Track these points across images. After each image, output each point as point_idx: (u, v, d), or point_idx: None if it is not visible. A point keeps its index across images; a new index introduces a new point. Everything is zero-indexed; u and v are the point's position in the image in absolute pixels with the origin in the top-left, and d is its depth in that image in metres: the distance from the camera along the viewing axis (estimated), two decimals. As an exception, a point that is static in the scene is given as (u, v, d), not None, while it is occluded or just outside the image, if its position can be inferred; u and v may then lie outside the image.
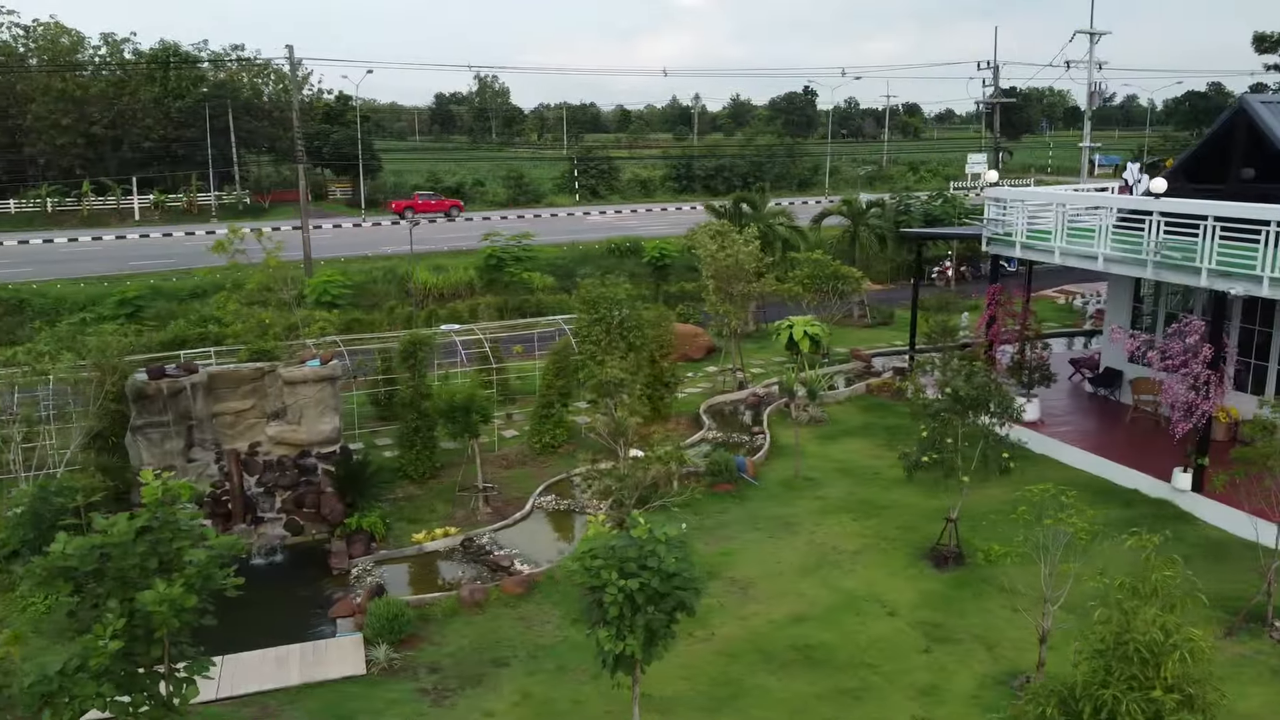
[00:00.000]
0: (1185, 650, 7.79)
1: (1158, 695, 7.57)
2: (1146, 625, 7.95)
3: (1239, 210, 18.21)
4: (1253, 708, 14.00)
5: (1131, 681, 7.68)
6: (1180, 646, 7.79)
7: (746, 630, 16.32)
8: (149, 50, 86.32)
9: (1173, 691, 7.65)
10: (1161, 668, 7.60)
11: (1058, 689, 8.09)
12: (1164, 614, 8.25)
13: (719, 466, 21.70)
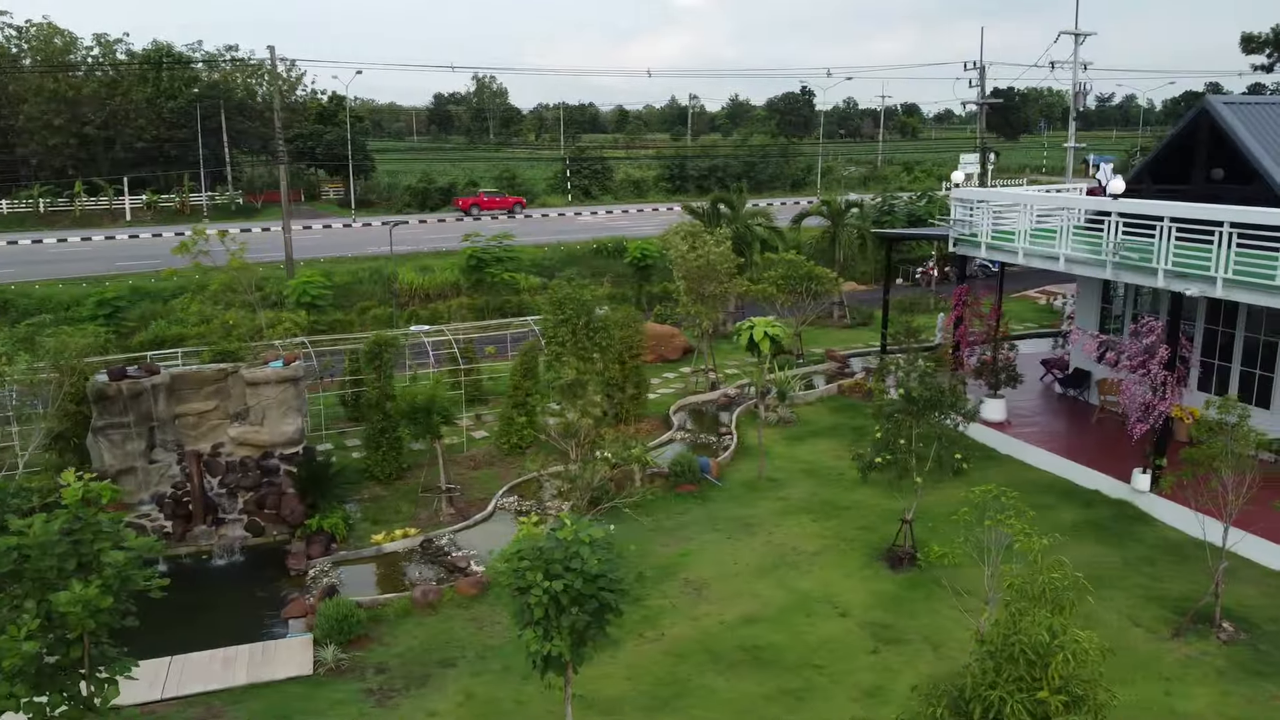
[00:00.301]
0: (1069, 652, 7.80)
1: (1043, 696, 7.58)
2: (1032, 626, 7.96)
3: (1193, 211, 18.23)
4: (1197, 708, 14.02)
5: (1019, 682, 7.70)
6: (1065, 648, 7.79)
7: (697, 630, 16.34)
8: (142, 51, 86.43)
9: (1061, 692, 7.67)
10: (1049, 669, 7.60)
11: (949, 690, 8.12)
12: (1053, 615, 8.26)
13: (681, 467, 21.72)
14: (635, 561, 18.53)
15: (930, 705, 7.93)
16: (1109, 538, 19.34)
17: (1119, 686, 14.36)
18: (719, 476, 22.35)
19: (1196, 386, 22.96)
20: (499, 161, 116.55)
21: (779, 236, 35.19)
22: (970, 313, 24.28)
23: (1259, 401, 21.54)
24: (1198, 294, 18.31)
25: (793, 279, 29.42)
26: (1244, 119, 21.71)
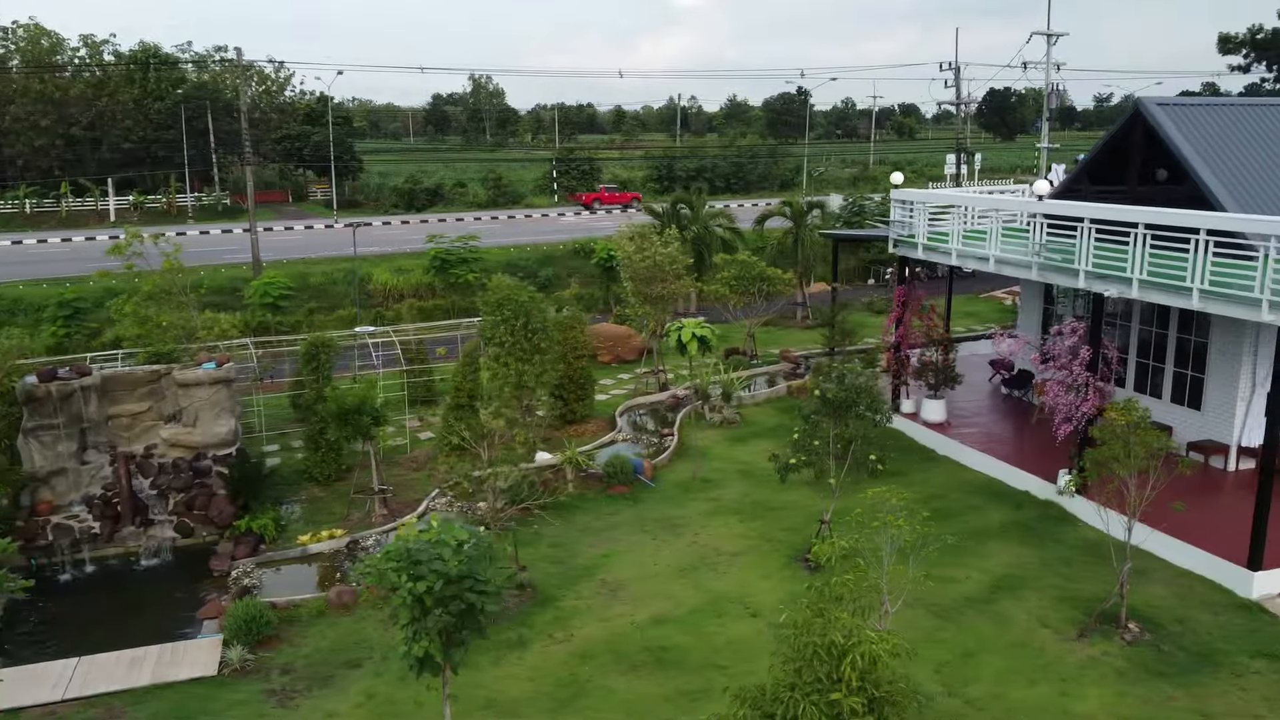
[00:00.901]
0: (858, 654, 7.85)
1: (836, 697, 7.64)
2: (826, 628, 8.02)
3: (1109, 212, 18.27)
4: (1089, 709, 14.05)
5: (816, 684, 7.76)
6: (853, 650, 7.84)
7: (607, 631, 16.41)
8: (129, 52, 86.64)
9: (858, 694, 7.72)
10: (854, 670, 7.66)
11: (753, 692, 8.17)
12: (849, 618, 8.31)
13: (613, 469, 21.78)
14: (549, 562, 18.72)
15: (736, 706, 7.99)
16: (1032, 538, 19.39)
17: (1018, 687, 14.57)
18: (653, 477, 22.40)
19: (1134, 388, 22.99)
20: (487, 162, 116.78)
21: (739, 238, 35.25)
22: (911, 314, 24.31)
23: (1190, 403, 21.58)
24: (1116, 295, 18.34)
25: (745, 280, 29.44)
26: (1176, 120, 21.73)
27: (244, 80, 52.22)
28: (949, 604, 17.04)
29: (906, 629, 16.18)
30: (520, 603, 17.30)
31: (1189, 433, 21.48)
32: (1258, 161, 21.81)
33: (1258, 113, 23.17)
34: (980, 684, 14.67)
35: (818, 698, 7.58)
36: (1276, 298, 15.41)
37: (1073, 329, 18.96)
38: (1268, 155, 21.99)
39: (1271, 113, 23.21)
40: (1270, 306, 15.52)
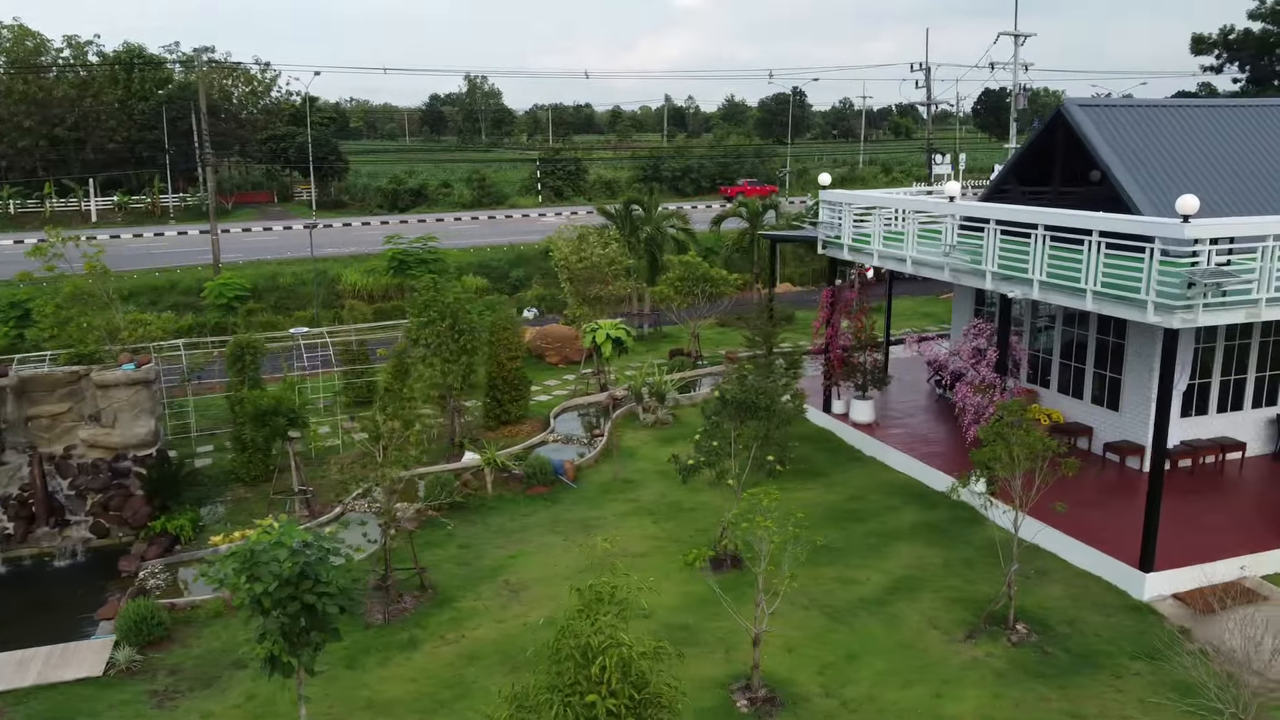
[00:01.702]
0: (608, 658, 7.88)
1: (591, 699, 7.67)
2: (582, 631, 8.05)
3: (1012, 213, 18.28)
4: (960, 711, 14.06)
5: (574, 686, 7.80)
6: (604, 653, 7.87)
7: (499, 633, 16.46)
8: (113, 52, 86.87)
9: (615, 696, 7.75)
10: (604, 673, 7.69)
11: (517, 692, 8.21)
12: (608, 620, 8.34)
13: (533, 469, 21.83)
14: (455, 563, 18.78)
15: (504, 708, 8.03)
16: (940, 539, 19.40)
17: (894, 689, 14.59)
18: (575, 478, 22.44)
19: (1058, 389, 23.00)
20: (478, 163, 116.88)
21: (692, 238, 35.26)
22: (840, 315, 24.33)
23: (1109, 404, 21.58)
24: (1020, 295, 18.35)
25: (689, 281, 29.46)
26: (1097, 122, 21.73)
27: (200, 79, 52.18)
28: (844, 605, 17.07)
29: (797, 630, 16.34)
30: (418, 603, 17.36)
31: (1108, 433, 21.49)
32: (1178, 162, 21.81)
33: (1183, 114, 23.17)
34: (858, 685, 14.69)
35: (575, 699, 7.62)
36: (1160, 299, 15.39)
37: (978, 330, 18.96)
38: (1188, 156, 21.99)
39: (1196, 114, 23.22)
40: (1155, 308, 15.50)
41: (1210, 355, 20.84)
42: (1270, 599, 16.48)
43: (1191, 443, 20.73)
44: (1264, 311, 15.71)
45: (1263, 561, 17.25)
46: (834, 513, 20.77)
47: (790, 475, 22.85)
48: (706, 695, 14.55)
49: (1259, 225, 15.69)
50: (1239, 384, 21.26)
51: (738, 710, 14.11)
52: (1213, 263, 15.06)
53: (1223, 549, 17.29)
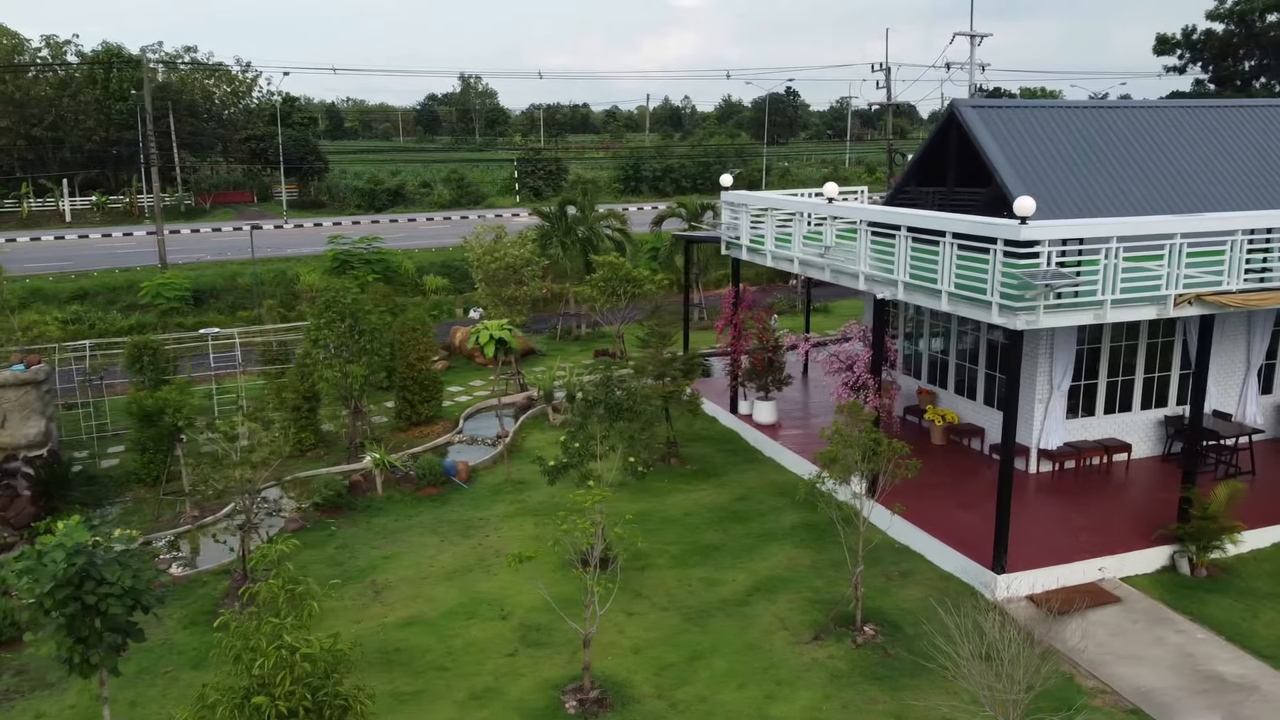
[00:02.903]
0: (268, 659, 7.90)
1: (259, 701, 7.70)
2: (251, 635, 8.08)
3: (879, 215, 18.27)
4: (790, 712, 14.06)
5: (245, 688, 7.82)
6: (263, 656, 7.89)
7: (352, 633, 16.41)
8: (91, 52, 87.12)
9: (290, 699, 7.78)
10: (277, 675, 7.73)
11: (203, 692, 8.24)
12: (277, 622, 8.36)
13: (423, 470, 21.87)
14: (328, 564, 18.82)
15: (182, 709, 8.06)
16: (815, 541, 19.40)
17: (728, 690, 14.60)
18: (468, 479, 22.47)
19: (954, 390, 22.99)
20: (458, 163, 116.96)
21: (628, 239, 35.26)
22: (742, 317, 24.34)
23: (999, 405, 21.55)
24: (890, 296, 18.34)
25: (613, 282, 29.47)
26: (988, 122, 21.73)
27: (145, 78, 52.30)
28: (703, 606, 17.08)
29: (650, 631, 16.36)
30: (281, 604, 17.36)
31: (997, 434, 21.44)
32: (1070, 163, 21.80)
33: (1081, 115, 23.15)
34: (693, 686, 14.70)
35: (243, 702, 7.65)
36: (1004, 300, 15.38)
37: (854, 331, 18.96)
38: (1079, 157, 21.96)
39: (1095, 115, 23.19)
40: (1000, 310, 15.49)
41: (1096, 356, 20.81)
42: (1123, 601, 16.47)
43: (1076, 444, 20.70)
44: (1109, 313, 15.68)
45: (1125, 563, 17.22)
46: (718, 513, 20.79)
47: (685, 476, 22.94)
48: (540, 696, 14.57)
49: (1101, 227, 15.66)
50: (1127, 385, 21.22)
51: (565, 711, 14.13)
52: (1053, 264, 15.03)
53: (1086, 550, 17.29)
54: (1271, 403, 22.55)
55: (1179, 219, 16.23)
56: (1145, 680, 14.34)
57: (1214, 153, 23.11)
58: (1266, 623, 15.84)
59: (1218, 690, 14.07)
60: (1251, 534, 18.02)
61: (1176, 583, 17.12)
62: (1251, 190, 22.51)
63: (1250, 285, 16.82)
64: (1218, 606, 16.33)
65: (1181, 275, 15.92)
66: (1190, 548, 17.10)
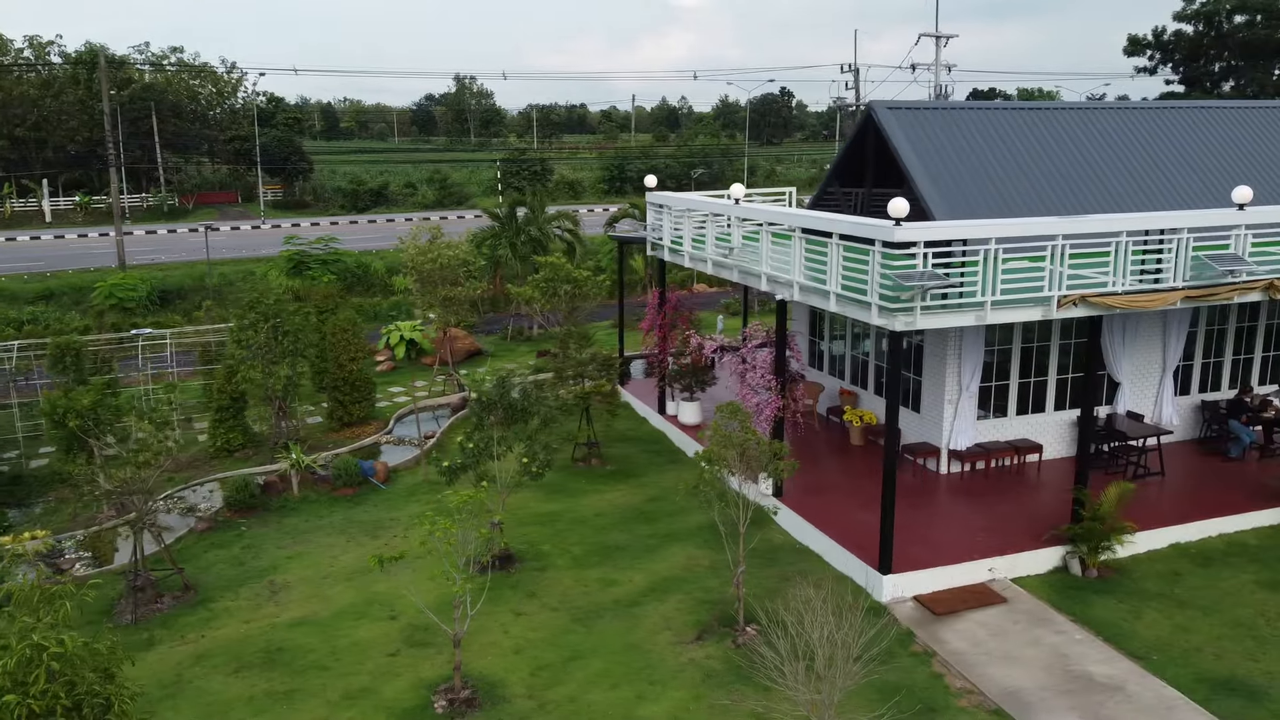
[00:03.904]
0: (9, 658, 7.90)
1: (9, 699, 7.75)
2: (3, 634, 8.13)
3: (774, 216, 18.31)
4: (657, 712, 14.10)
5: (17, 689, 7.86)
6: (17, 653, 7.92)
7: (241, 633, 16.54)
8: (74, 53, 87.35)
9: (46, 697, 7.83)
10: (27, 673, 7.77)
11: None
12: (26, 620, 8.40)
13: (339, 470, 21.93)
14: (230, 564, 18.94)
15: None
16: (718, 541, 19.16)
17: (601, 690, 14.65)
18: (386, 480, 22.53)
19: (874, 390, 23.02)
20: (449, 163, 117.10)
21: (579, 240, 35.29)
22: (668, 318, 24.37)
23: (912, 406, 21.59)
24: (787, 298, 18.37)
25: (554, 282, 29.47)
26: (904, 124, 21.75)
27: (103, 78, 52.39)
28: (594, 606, 17.11)
29: (536, 631, 16.41)
30: (176, 603, 17.49)
31: (911, 435, 21.50)
32: (986, 165, 21.82)
33: (1001, 116, 23.18)
34: (566, 686, 14.74)
35: (12, 701, 7.68)
36: (882, 302, 15.41)
37: (756, 331, 18.99)
38: (997, 158, 21.98)
39: (1014, 116, 23.21)
40: (879, 311, 15.51)
41: (1007, 357, 20.83)
42: (1009, 602, 16.49)
43: (986, 445, 20.72)
44: (989, 315, 15.69)
45: (1018, 563, 17.24)
46: (628, 514, 20.84)
47: (603, 476, 23.01)
48: (413, 696, 14.62)
49: (980, 228, 15.69)
50: (1040, 386, 21.23)
51: (434, 711, 14.18)
52: (929, 265, 15.06)
53: (979, 551, 17.30)
54: (1190, 404, 22.54)
55: (1061, 220, 16.25)
56: (1014, 681, 14.36)
57: (1136, 155, 23.14)
58: (1148, 624, 15.85)
59: (1084, 690, 14.09)
60: (1147, 535, 18.03)
61: (1067, 583, 17.13)
62: (1172, 192, 22.53)
63: (1143, 286, 16.81)
64: (1103, 607, 16.34)
65: (1064, 276, 15.92)
66: (1081, 549, 17.10)
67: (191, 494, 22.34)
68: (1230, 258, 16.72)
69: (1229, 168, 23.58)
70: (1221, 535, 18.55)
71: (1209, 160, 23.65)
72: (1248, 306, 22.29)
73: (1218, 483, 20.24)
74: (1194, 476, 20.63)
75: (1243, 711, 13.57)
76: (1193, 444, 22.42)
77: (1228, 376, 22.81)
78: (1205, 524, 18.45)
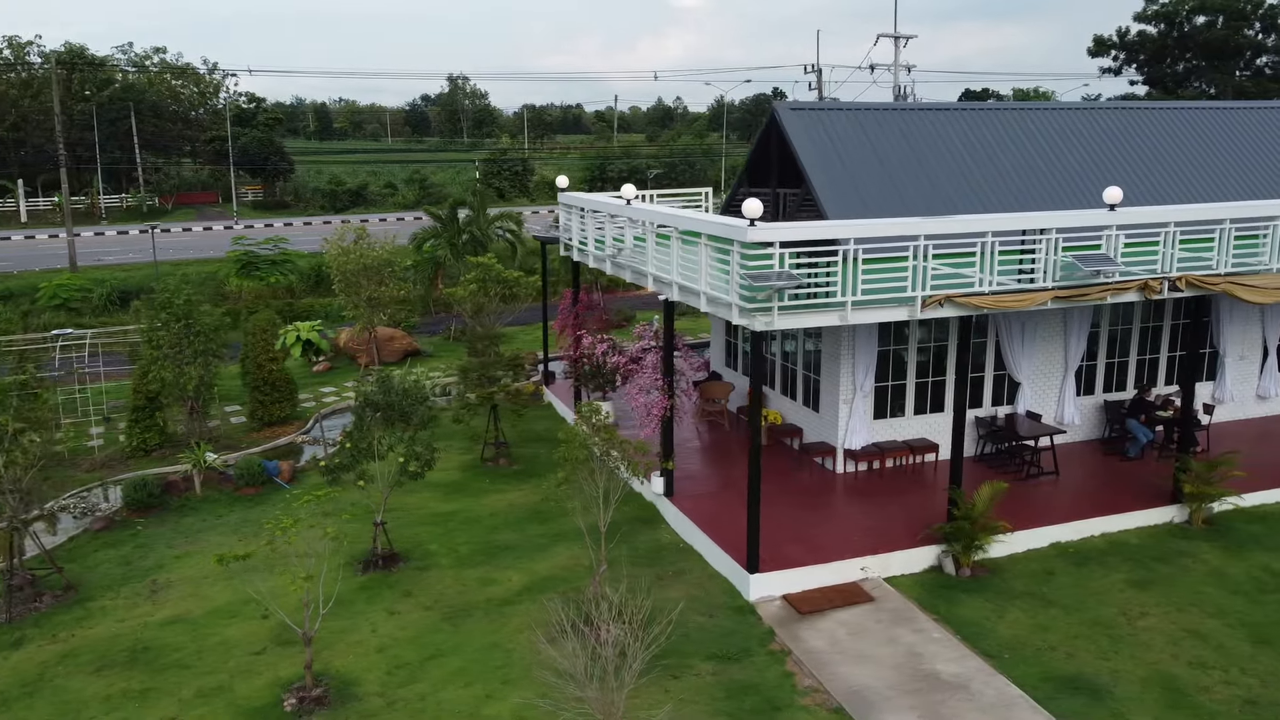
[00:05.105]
0: None
1: None
2: None
3: (653, 215, 18.36)
4: (502, 710, 14.18)
5: None
6: None
7: (112, 631, 16.62)
8: (53, 53, 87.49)
9: None
10: None
11: None
12: None
13: (242, 471, 22.01)
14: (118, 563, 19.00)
15: None
16: (608, 542, 19.43)
17: (454, 689, 14.70)
18: (291, 480, 22.61)
19: (780, 390, 23.07)
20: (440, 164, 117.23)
21: (520, 241, 35.36)
22: (580, 319, 24.44)
23: (813, 406, 21.65)
24: (670, 298, 18.42)
25: (486, 283, 29.52)
26: (806, 124, 21.81)
27: (54, 79, 52.58)
28: (467, 606, 17.17)
29: (405, 630, 16.49)
30: (56, 602, 17.57)
31: (811, 434, 21.57)
32: (887, 165, 21.87)
33: (909, 117, 23.22)
34: (421, 685, 14.80)
35: None
36: (741, 302, 15.45)
37: (643, 331, 19.06)
38: (901, 159, 22.04)
39: (922, 117, 23.26)
40: (739, 311, 15.56)
41: (903, 358, 20.87)
42: (876, 601, 16.53)
43: (883, 444, 20.76)
44: (851, 315, 15.73)
45: (893, 562, 17.29)
46: (524, 513, 20.92)
47: (507, 476, 23.10)
48: (267, 694, 14.69)
49: (840, 229, 15.74)
50: (938, 387, 21.27)
51: (282, 709, 14.24)
52: (786, 265, 15.11)
53: (853, 550, 17.34)
54: (1093, 404, 22.57)
55: (924, 221, 16.28)
56: (862, 680, 14.40)
57: (1041, 154, 23.17)
58: (1010, 622, 15.88)
59: (928, 689, 14.14)
60: (1028, 534, 18.09)
61: (939, 583, 17.17)
62: (1075, 192, 22.57)
63: (1011, 286, 16.85)
64: (969, 606, 16.38)
65: (929, 277, 15.97)
66: (955, 548, 17.14)
67: (99, 493, 22.38)
68: (1099, 258, 16.75)
69: (1138, 168, 23.62)
70: (1104, 535, 18.57)
71: (1118, 162, 23.69)
72: (1152, 306, 22.31)
73: (1110, 482, 20.28)
74: (1088, 476, 20.66)
75: (1082, 710, 13.62)
76: (1096, 444, 22.44)
77: (1133, 376, 22.83)
78: (1088, 523, 18.48)
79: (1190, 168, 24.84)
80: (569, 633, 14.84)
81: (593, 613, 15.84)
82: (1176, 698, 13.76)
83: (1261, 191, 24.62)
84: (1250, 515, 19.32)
